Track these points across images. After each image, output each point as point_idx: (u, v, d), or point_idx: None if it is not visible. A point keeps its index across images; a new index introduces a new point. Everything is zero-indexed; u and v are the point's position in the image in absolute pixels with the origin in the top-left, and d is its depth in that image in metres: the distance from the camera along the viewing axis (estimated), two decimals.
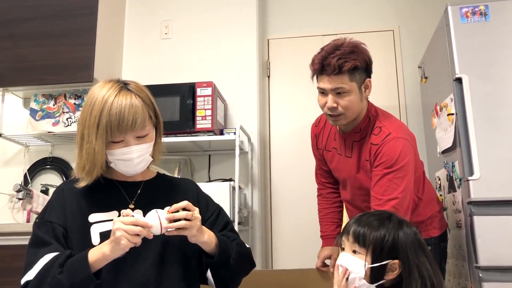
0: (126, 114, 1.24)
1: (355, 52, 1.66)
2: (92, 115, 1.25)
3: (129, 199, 1.34)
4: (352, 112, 1.71)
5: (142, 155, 1.30)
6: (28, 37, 2.71)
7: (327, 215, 2.04)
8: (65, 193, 1.33)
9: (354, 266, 1.23)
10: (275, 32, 3.29)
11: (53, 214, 1.29)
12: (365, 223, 1.26)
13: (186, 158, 2.84)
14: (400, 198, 1.61)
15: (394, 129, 1.70)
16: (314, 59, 1.72)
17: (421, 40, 2.97)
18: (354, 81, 1.67)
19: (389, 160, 1.64)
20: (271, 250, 2.98)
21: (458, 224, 2.03)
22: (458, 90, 2.01)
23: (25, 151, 2.97)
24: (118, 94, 1.26)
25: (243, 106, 2.92)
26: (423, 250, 1.24)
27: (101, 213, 1.30)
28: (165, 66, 3.02)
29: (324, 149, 1.95)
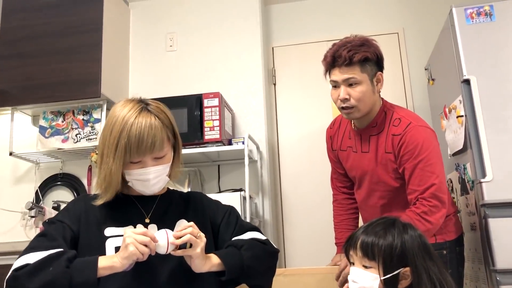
0: (145, 136, 1.24)
1: (366, 45, 1.73)
2: (112, 135, 1.26)
3: (145, 213, 1.35)
4: (364, 104, 1.73)
5: (158, 176, 1.30)
6: (35, 56, 2.75)
7: (342, 222, 2.02)
8: (84, 203, 1.35)
9: (367, 281, 1.21)
10: (280, 40, 3.29)
11: (67, 218, 1.31)
12: (371, 234, 1.23)
13: (196, 169, 2.84)
14: (437, 183, 1.63)
15: (414, 119, 1.73)
16: (326, 54, 1.77)
17: (426, 42, 2.96)
18: (365, 73, 1.71)
19: (414, 149, 1.66)
20: (284, 258, 2.97)
21: (473, 226, 2.01)
22: (467, 91, 2.00)
23: (36, 168, 2.99)
24: (138, 116, 1.27)
25: (250, 115, 2.93)
26: (429, 253, 1.22)
27: (117, 228, 1.31)
28: (171, 79, 3.04)
29: (339, 150, 1.96)
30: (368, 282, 1.20)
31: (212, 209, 1.45)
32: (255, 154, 2.83)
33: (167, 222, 1.34)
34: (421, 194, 1.64)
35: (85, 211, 1.34)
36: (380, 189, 1.80)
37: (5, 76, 2.74)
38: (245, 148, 2.51)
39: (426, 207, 1.62)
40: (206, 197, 1.50)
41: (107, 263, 1.18)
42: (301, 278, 1.66)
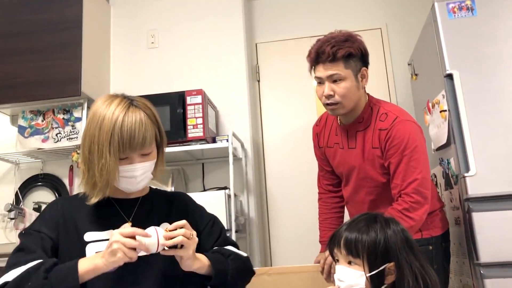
0: (136, 132, 1.22)
1: (350, 40, 1.71)
2: (102, 130, 1.22)
3: (126, 217, 1.31)
4: (349, 100, 1.73)
5: (144, 173, 1.28)
6: (13, 54, 2.68)
7: (325, 220, 2.02)
8: (60, 208, 1.30)
9: (353, 278, 1.19)
10: (263, 36, 3.27)
11: (44, 226, 1.26)
12: (353, 230, 1.22)
13: (179, 168, 2.81)
14: (420, 178, 1.64)
15: (401, 113, 1.74)
16: (310, 50, 1.77)
17: (409, 37, 2.96)
18: (349, 69, 1.71)
19: (400, 143, 1.66)
20: (270, 257, 2.96)
21: (457, 221, 2.01)
22: (450, 86, 2.00)
23: (16, 169, 2.92)
24: (127, 111, 1.24)
25: (234, 112, 2.90)
26: (411, 248, 1.21)
27: (97, 232, 1.27)
28: (154, 76, 3.00)
29: (326, 146, 1.95)
30: (354, 280, 1.19)
31: (196, 215, 1.42)
32: (239, 151, 2.80)
33: (151, 224, 1.28)
34: (403, 189, 1.64)
35: (62, 215, 1.29)
36: (367, 184, 1.80)
37: None
38: (229, 146, 2.49)
39: (407, 203, 1.63)
40: (191, 200, 1.48)
41: (89, 265, 1.14)
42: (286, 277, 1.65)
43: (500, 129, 1.90)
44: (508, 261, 1.78)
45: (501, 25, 2.00)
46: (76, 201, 1.33)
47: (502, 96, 1.93)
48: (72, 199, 1.37)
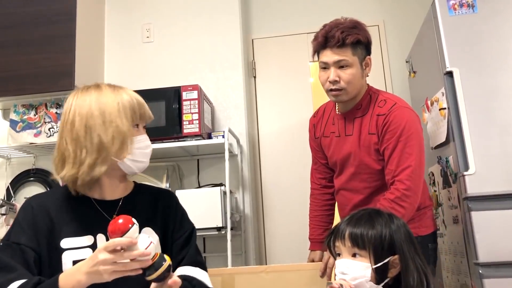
0: (141, 101, 1.24)
1: (357, 27, 1.74)
2: (105, 103, 1.19)
3: (106, 220, 1.19)
4: (353, 87, 1.74)
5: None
6: (5, 46, 2.62)
7: (315, 217, 2.00)
8: (35, 211, 1.19)
9: (358, 270, 1.19)
10: (259, 31, 3.24)
11: (23, 236, 1.15)
12: (358, 224, 1.23)
13: (174, 164, 2.77)
14: (413, 166, 1.63)
15: (399, 101, 1.76)
16: (317, 34, 1.76)
17: (407, 35, 2.94)
18: (356, 56, 1.73)
19: (397, 128, 1.67)
20: (265, 254, 2.93)
21: (455, 220, 2.00)
22: (449, 84, 1.98)
23: (7, 164, 2.87)
24: (120, 89, 1.24)
25: (230, 108, 2.87)
26: (413, 242, 1.23)
27: (75, 238, 1.18)
28: (149, 71, 2.95)
29: (322, 136, 1.95)
30: (359, 272, 1.19)
31: (177, 220, 1.35)
32: (235, 148, 2.77)
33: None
34: (397, 175, 1.64)
35: (39, 220, 1.18)
36: (362, 171, 1.79)
37: None
38: (225, 142, 2.45)
39: (399, 191, 1.62)
40: (177, 202, 1.40)
41: (71, 282, 1.04)
42: (283, 275, 1.62)
43: (500, 127, 1.89)
44: (508, 261, 1.77)
45: (502, 22, 1.98)
46: (50, 200, 1.23)
47: (502, 94, 1.92)
48: (46, 197, 1.26)
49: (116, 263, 1.02)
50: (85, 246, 1.18)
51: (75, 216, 1.21)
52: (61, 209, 1.21)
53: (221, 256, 2.60)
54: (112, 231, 1.04)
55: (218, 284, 1.59)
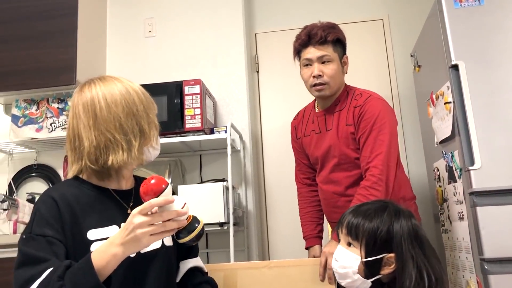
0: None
1: (336, 28, 1.91)
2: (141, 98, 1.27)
3: (125, 209, 1.24)
4: (335, 82, 1.88)
5: None
6: (6, 41, 2.62)
7: (306, 215, 2.07)
8: (59, 203, 1.14)
9: (348, 259, 1.19)
10: (262, 26, 3.21)
11: (48, 228, 1.10)
12: (359, 214, 1.22)
13: (176, 159, 2.76)
14: (385, 152, 1.74)
15: (374, 94, 1.90)
16: (300, 34, 1.92)
17: (412, 29, 2.91)
18: (336, 53, 1.89)
19: (371, 118, 1.79)
20: (268, 249, 2.91)
21: (460, 215, 1.97)
22: (455, 77, 1.94)
23: (9, 159, 2.86)
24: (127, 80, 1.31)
25: (233, 103, 2.84)
26: (419, 241, 1.19)
27: (100, 229, 1.16)
28: (151, 65, 2.93)
29: (303, 136, 2.06)
30: (348, 262, 1.19)
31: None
32: (237, 143, 2.75)
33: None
34: (370, 161, 1.74)
35: (64, 213, 1.13)
36: (342, 162, 1.88)
37: None
38: (227, 137, 2.43)
39: (375, 176, 1.72)
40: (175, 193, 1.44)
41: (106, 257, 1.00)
42: (286, 270, 1.61)
43: (507, 121, 1.85)
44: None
45: (509, 14, 1.94)
46: (70, 192, 1.19)
47: (509, 87, 1.88)
48: (65, 189, 1.20)
49: (153, 225, 1.00)
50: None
51: (97, 207, 1.20)
52: (82, 201, 1.18)
53: (224, 252, 2.59)
54: (145, 192, 1.02)
55: (221, 279, 1.58)
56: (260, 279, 1.58)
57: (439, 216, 2.30)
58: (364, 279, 1.17)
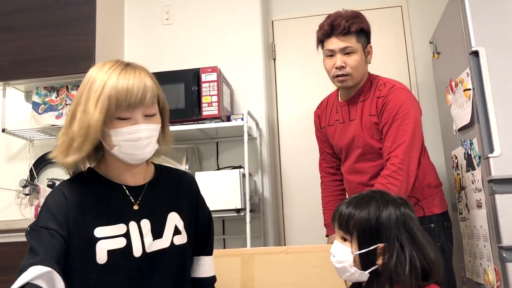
0: (135, 87, 1.11)
1: (360, 17, 1.88)
2: (91, 89, 1.11)
3: (133, 206, 1.22)
4: (358, 73, 1.87)
5: (151, 136, 1.16)
6: (26, 29, 2.65)
7: (328, 203, 2.10)
8: (68, 199, 1.14)
9: (343, 254, 1.20)
10: (279, 13, 3.19)
11: (52, 222, 1.10)
12: (350, 207, 1.22)
13: (194, 146, 2.78)
14: (408, 141, 1.73)
15: (398, 83, 1.88)
16: (322, 24, 1.90)
17: (431, 15, 2.87)
18: (359, 43, 1.86)
19: (394, 107, 1.78)
20: (284, 236, 2.93)
21: (479, 203, 1.96)
22: (475, 63, 1.92)
23: (30, 145, 2.92)
24: (124, 69, 1.14)
25: (249, 91, 2.85)
26: (409, 230, 1.18)
27: (108, 227, 1.15)
28: (168, 53, 2.95)
29: (327, 126, 2.05)
30: (343, 256, 1.20)
31: (200, 204, 1.37)
32: (254, 131, 2.76)
33: (156, 213, 1.24)
34: (392, 151, 1.74)
35: (72, 209, 1.13)
36: (367, 152, 1.88)
37: None
38: (244, 125, 2.44)
39: (394, 165, 1.71)
40: (197, 186, 1.40)
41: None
42: (303, 256, 1.62)
43: None
44: None
45: None
46: (80, 188, 1.18)
47: None
48: (76, 185, 1.19)
49: None
50: (119, 235, 1.16)
51: (106, 204, 1.18)
52: (91, 197, 1.18)
53: (240, 238, 2.62)
54: None
55: (238, 264, 1.60)
56: (277, 264, 1.60)
57: (457, 204, 2.28)
58: (361, 271, 1.18)
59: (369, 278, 1.18)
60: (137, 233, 1.18)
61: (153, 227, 1.21)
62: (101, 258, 1.12)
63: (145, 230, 1.19)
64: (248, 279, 1.59)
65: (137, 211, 1.21)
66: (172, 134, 1.32)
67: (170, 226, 1.24)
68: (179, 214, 1.27)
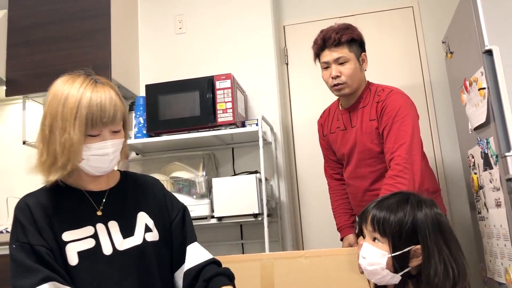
0: (107, 106, 1.19)
1: (350, 28, 1.97)
2: (67, 107, 1.18)
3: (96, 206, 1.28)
4: (353, 81, 1.94)
5: (116, 151, 1.25)
6: (43, 42, 2.71)
7: (338, 207, 2.16)
8: (32, 209, 1.20)
9: (375, 257, 1.18)
10: (291, 18, 3.21)
11: (29, 235, 1.17)
12: (383, 208, 1.21)
13: (210, 153, 2.81)
14: (409, 141, 1.77)
15: (395, 89, 1.96)
16: (316, 39, 2.02)
17: (443, 15, 2.87)
18: (352, 52, 1.94)
19: (393, 110, 1.84)
20: (302, 240, 2.94)
21: (497, 202, 1.95)
22: (489, 62, 1.91)
23: None
24: (95, 87, 1.21)
25: (263, 96, 2.87)
26: (442, 232, 1.18)
27: (75, 230, 1.21)
28: (182, 61, 2.99)
29: (329, 133, 2.14)
30: (376, 258, 1.18)
31: (168, 202, 1.41)
32: (269, 136, 2.78)
33: (124, 215, 1.29)
34: (395, 151, 1.77)
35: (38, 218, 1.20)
36: (367, 157, 1.94)
37: (14, 64, 2.71)
38: (259, 130, 2.46)
39: (400, 165, 1.74)
40: (163, 187, 1.45)
41: None
42: (322, 260, 1.63)
43: None
44: None
45: None
46: (43, 195, 1.25)
47: None
48: (39, 193, 1.27)
49: None
50: (87, 236, 1.22)
51: (70, 209, 1.24)
52: (55, 204, 1.24)
53: (259, 243, 2.63)
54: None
55: (258, 269, 1.62)
56: (297, 268, 1.61)
57: (475, 204, 2.27)
58: (393, 274, 1.17)
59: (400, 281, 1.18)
60: (105, 233, 1.24)
61: (122, 227, 1.27)
62: (72, 260, 1.18)
63: (113, 230, 1.25)
64: (268, 284, 1.61)
65: (101, 216, 1.26)
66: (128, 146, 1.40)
67: (141, 225, 1.30)
68: (147, 214, 1.33)
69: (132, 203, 1.33)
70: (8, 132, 3.06)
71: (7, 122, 3.09)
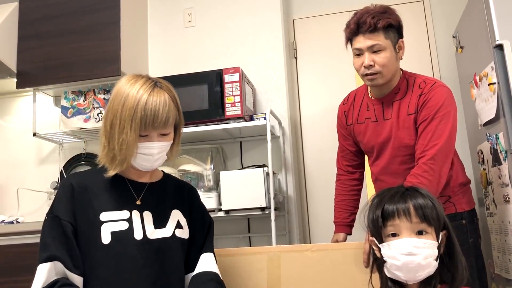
0: (160, 111, 1.27)
1: (388, 12, 1.77)
2: (125, 106, 1.27)
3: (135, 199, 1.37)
4: (388, 70, 1.76)
5: (161, 152, 1.34)
6: (53, 35, 2.73)
7: (341, 202, 2.05)
8: (75, 189, 1.32)
9: (429, 248, 1.13)
10: (300, 11, 3.20)
11: (62, 210, 1.28)
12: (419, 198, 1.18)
13: (218, 146, 2.81)
14: (444, 142, 1.67)
15: (438, 81, 1.81)
16: (349, 22, 1.80)
17: (454, 9, 2.84)
18: (388, 39, 1.75)
19: (435, 105, 1.71)
20: (309, 234, 2.95)
21: (506, 198, 1.93)
22: (499, 57, 1.90)
23: (60, 148, 3.01)
24: (152, 91, 1.29)
25: (271, 90, 2.87)
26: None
27: (112, 212, 1.31)
28: (191, 55, 2.99)
29: (355, 123, 1.96)
30: (429, 251, 1.13)
31: (199, 212, 1.49)
32: (277, 130, 2.78)
33: (159, 208, 1.38)
34: (427, 149, 1.67)
35: (79, 197, 1.31)
36: (402, 153, 1.81)
37: (25, 57, 2.74)
38: (267, 124, 2.46)
39: (426, 165, 1.65)
40: (199, 196, 1.54)
41: None
42: (329, 254, 1.63)
43: None
44: None
45: None
46: (89, 177, 1.38)
47: None
48: (85, 175, 1.41)
49: None
50: (122, 219, 1.31)
51: (112, 194, 1.34)
52: (99, 187, 1.34)
53: (266, 236, 2.64)
54: None
55: (264, 262, 1.62)
56: (303, 262, 1.61)
57: (484, 200, 2.26)
58: (436, 263, 1.14)
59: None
60: (138, 220, 1.33)
61: (156, 218, 1.35)
62: (105, 239, 1.27)
63: (147, 219, 1.33)
64: (274, 277, 1.62)
65: (139, 205, 1.35)
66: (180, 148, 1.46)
67: (173, 220, 1.39)
68: (182, 213, 1.42)
69: (169, 200, 1.43)
70: (18, 124, 3.10)
71: (17, 114, 3.13)
